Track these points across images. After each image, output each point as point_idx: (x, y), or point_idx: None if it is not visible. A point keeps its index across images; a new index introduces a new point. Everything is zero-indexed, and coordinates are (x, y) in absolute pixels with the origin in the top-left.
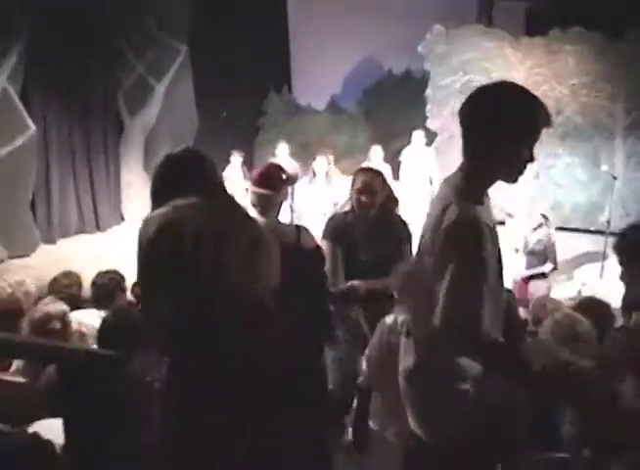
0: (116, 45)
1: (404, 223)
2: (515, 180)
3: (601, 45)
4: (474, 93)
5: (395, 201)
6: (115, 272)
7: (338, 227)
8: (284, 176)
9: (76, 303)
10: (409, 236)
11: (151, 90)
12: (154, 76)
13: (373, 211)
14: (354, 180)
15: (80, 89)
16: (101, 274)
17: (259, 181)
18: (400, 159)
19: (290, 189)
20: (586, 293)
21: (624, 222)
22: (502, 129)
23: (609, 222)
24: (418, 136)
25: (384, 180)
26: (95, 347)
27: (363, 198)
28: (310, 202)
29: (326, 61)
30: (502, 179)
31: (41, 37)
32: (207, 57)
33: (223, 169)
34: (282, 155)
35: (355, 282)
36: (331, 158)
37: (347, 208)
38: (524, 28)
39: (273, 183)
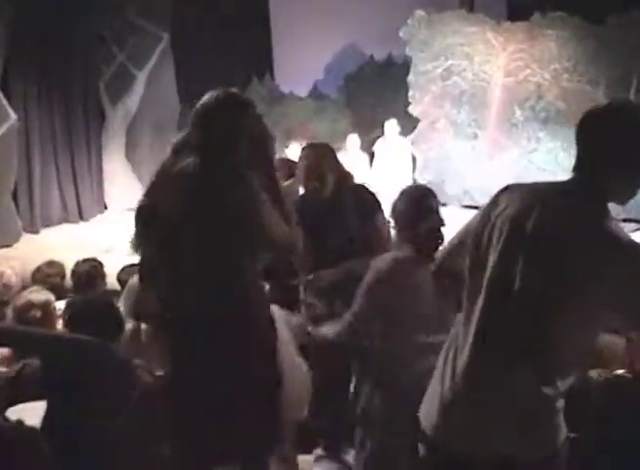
0: (97, 33)
1: (368, 192)
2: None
3: (582, 30)
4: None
5: (350, 176)
6: (94, 260)
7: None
8: None
9: (60, 292)
10: (378, 205)
11: (132, 78)
12: (135, 64)
13: (327, 192)
14: (300, 162)
15: (61, 78)
16: (79, 263)
17: None
18: (374, 149)
19: None
20: None
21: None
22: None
23: None
24: (391, 127)
25: (333, 157)
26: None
27: (311, 183)
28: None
29: (308, 47)
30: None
31: (21, 26)
32: (189, 44)
33: None
34: None
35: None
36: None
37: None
38: (505, 13)
39: None
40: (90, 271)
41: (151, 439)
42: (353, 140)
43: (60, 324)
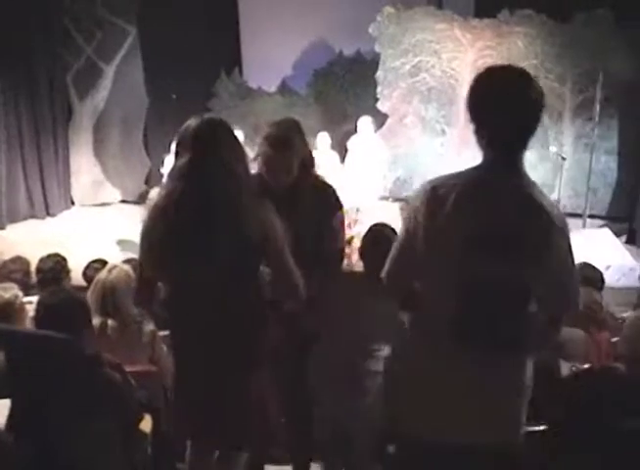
0: (64, 27)
1: (330, 188)
2: None
3: (549, 27)
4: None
5: (314, 163)
6: (58, 255)
7: None
8: None
9: (25, 288)
10: (339, 205)
11: (100, 73)
12: (103, 59)
13: (289, 179)
14: (263, 143)
15: (28, 73)
16: (44, 259)
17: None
18: (348, 146)
19: None
20: None
21: (574, 202)
22: None
23: (558, 202)
24: (365, 123)
25: (302, 137)
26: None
27: (275, 165)
28: None
29: (276, 43)
30: None
31: None
32: (157, 39)
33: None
34: None
35: None
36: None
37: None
38: (473, 10)
39: None
40: (55, 267)
41: (120, 438)
42: (324, 138)
43: (27, 320)
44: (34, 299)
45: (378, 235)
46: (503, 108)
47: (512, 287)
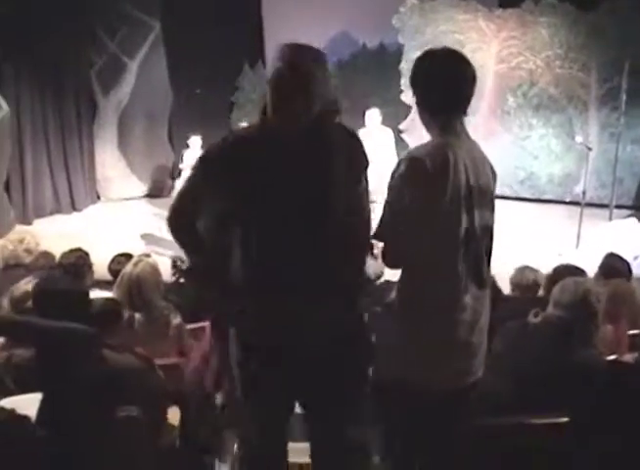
0: (88, 23)
1: (357, 139)
2: None
3: (574, 16)
4: None
5: (339, 108)
6: (80, 250)
7: (235, 151)
8: None
9: None
10: (367, 161)
11: (123, 68)
12: (126, 54)
13: (304, 120)
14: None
15: (53, 68)
16: (66, 254)
17: None
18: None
19: None
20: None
21: (600, 193)
22: None
23: (584, 193)
24: (371, 116)
25: (326, 69)
26: None
27: (286, 103)
28: None
29: (300, 35)
30: None
31: (12, 17)
32: (180, 33)
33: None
34: None
35: None
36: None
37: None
38: (497, 0)
39: None
40: (76, 262)
41: (147, 428)
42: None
43: None
44: None
45: None
46: (450, 78)
47: (490, 230)
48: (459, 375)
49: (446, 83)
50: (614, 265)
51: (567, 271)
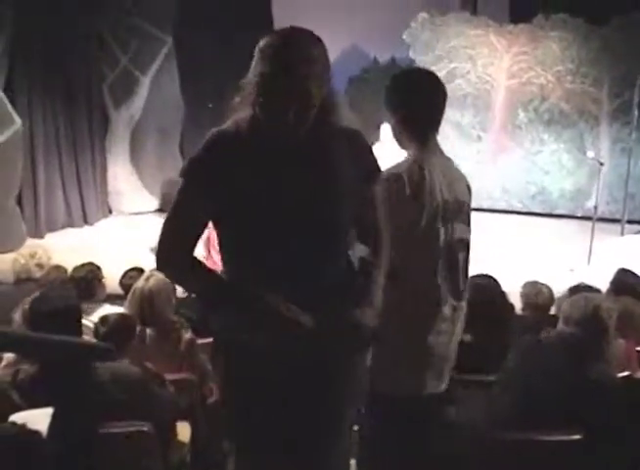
0: (100, 37)
1: (364, 142)
2: None
3: (585, 31)
4: None
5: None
6: (91, 264)
7: (222, 156)
8: None
9: None
10: (379, 168)
11: (136, 82)
12: (138, 68)
13: (305, 123)
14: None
15: (65, 82)
16: (77, 268)
17: None
18: None
19: None
20: (574, 278)
21: (612, 208)
22: None
23: (596, 208)
24: (386, 131)
25: (327, 67)
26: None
27: (280, 102)
28: None
29: None
30: None
31: (25, 30)
32: (193, 47)
33: None
34: None
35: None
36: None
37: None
38: (508, 15)
39: None
40: (86, 276)
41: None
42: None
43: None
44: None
45: None
46: (425, 98)
47: (467, 243)
48: (438, 381)
49: (423, 101)
50: (626, 281)
51: (579, 289)
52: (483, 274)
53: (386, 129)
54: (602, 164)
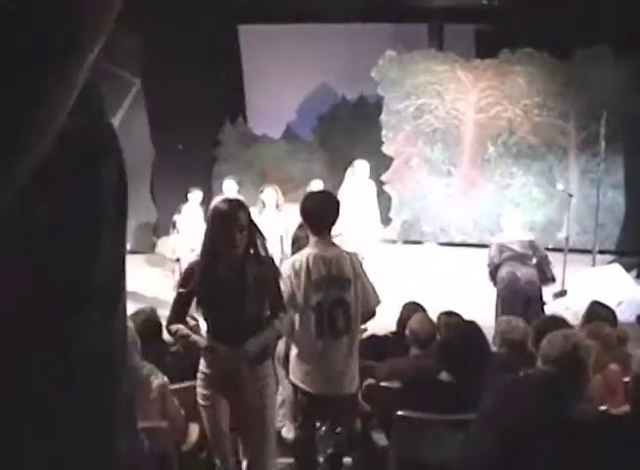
0: None
1: (271, 266)
2: None
3: (550, 65)
4: None
5: (260, 241)
6: None
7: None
8: None
9: None
10: (277, 280)
11: None
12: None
13: (237, 256)
14: (215, 216)
15: None
16: None
17: None
18: (339, 192)
19: None
20: (547, 310)
21: (582, 239)
22: None
23: (567, 239)
24: (360, 168)
25: (248, 213)
26: None
27: (229, 241)
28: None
29: (280, 90)
30: None
31: None
32: (161, 89)
33: (181, 204)
34: (229, 192)
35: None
36: (278, 188)
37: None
38: (474, 51)
39: None
40: None
41: None
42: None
43: None
44: None
45: None
46: (326, 211)
47: (343, 301)
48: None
49: (326, 214)
50: (598, 313)
51: (552, 323)
52: (453, 312)
53: (358, 165)
54: (571, 195)
